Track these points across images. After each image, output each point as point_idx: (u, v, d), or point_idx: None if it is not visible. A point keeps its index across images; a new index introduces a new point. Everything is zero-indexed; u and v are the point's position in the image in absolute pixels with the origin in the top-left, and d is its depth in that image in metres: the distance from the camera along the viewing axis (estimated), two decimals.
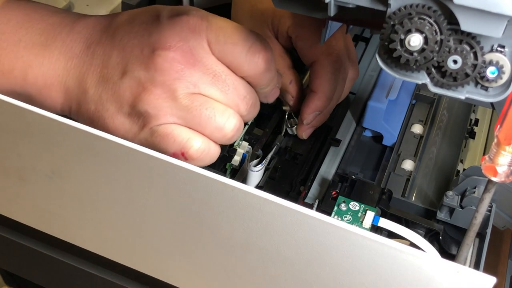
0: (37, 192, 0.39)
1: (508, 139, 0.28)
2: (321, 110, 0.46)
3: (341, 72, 0.47)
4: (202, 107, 0.37)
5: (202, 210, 0.34)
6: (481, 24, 0.26)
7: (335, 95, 0.47)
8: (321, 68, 0.46)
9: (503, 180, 0.30)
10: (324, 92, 0.46)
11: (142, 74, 0.37)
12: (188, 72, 0.37)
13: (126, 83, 0.38)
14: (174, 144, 0.38)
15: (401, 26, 0.27)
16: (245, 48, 0.38)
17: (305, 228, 0.32)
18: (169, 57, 0.37)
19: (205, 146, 0.38)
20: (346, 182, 0.44)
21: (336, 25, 0.40)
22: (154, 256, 0.39)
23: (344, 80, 0.48)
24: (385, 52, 0.28)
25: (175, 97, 0.37)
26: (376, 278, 0.32)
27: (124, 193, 0.36)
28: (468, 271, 0.29)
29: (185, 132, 0.38)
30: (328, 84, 0.46)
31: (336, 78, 0.46)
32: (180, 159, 0.38)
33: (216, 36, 0.38)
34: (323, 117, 0.48)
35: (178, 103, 0.37)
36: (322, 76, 0.46)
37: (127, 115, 0.38)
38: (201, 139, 0.38)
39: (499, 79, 0.27)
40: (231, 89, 0.39)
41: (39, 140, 0.35)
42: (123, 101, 0.38)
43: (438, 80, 0.28)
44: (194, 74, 0.37)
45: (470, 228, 0.33)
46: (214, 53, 0.38)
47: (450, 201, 0.42)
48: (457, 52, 0.27)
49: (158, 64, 0.37)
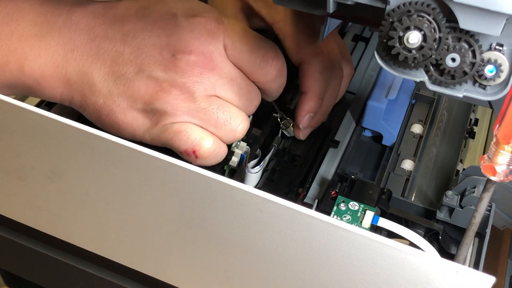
0: (36, 192, 0.39)
1: (507, 138, 0.28)
2: (314, 111, 0.46)
3: (332, 71, 0.47)
4: (219, 110, 0.40)
5: (201, 209, 0.34)
6: (480, 23, 0.26)
7: (332, 94, 0.47)
8: (310, 68, 0.46)
9: (502, 179, 0.30)
10: (315, 92, 0.45)
11: (161, 74, 0.39)
12: (207, 75, 0.39)
13: (142, 81, 0.39)
14: (187, 142, 0.39)
15: (399, 23, 0.27)
16: (259, 56, 0.41)
17: (304, 227, 0.32)
18: (191, 61, 0.39)
19: (216, 146, 0.40)
20: (345, 182, 0.44)
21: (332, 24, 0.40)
22: (153, 256, 0.39)
23: (339, 79, 0.48)
24: (383, 50, 0.28)
25: (194, 99, 0.39)
26: (375, 277, 0.32)
27: (123, 193, 0.36)
28: (467, 270, 0.29)
29: (198, 131, 0.40)
30: (317, 83, 0.45)
31: (325, 77, 0.46)
32: (190, 157, 0.40)
33: (232, 42, 0.40)
34: (320, 117, 0.47)
35: (196, 104, 0.39)
36: (311, 76, 0.46)
37: (141, 111, 0.40)
38: (213, 139, 0.40)
39: (497, 78, 0.27)
40: (245, 93, 0.41)
41: (39, 139, 0.35)
42: (137, 98, 0.39)
43: (436, 78, 0.28)
44: (212, 77, 0.39)
45: (469, 228, 0.33)
46: (230, 58, 0.40)
47: (449, 200, 0.42)
48: (456, 50, 0.27)
49: (179, 67, 0.39)
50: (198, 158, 0.40)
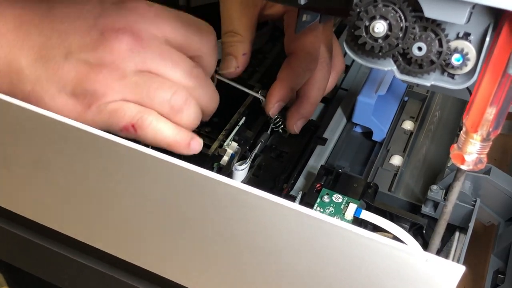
0: (23, 181, 0.40)
1: (474, 126, 0.28)
2: (284, 100, 0.47)
3: (317, 66, 0.47)
4: (150, 81, 0.38)
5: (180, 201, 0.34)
6: (445, 11, 0.26)
7: (319, 86, 0.48)
8: (290, 60, 0.47)
9: (472, 168, 0.30)
10: (287, 82, 0.46)
11: (89, 55, 0.38)
12: (137, 51, 0.38)
13: (71, 63, 0.38)
14: (124, 118, 0.38)
15: (366, 13, 0.27)
16: (194, 28, 0.40)
17: (281, 218, 0.32)
18: (118, 38, 0.38)
19: (154, 118, 0.39)
20: (331, 175, 0.44)
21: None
22: (143, 248, 0.40)
23: (325, 74, 0.48)
24: (352, 40, 0.28)
25: (125, 75, 0.38)
26: (351, 267, 0.32)
27: (103, 183, 0.37)
28: (437, 259, 0.29)
29: (134, 106, 0.39)
30: (291, 74, 0.46)
31: (302, 70, 0.47)
32: (129, 132, 0.39)
33: (165, 21, 0.40)
34: (310, 107, 0.48)
35: (128, 80, 0.38)
36: (288, 67, 0.46)
37: (71, 95, 0.39)
38: (150, 112, 0.39)
39: (464, 66, 0.28)
40: (180, 65, 0.40)
41: (21, 131, 0.36)
42: (66, 81, 0.38)
43: (404, 67, 0.28)
44: (142, 53, 0.38)
45: (441, 217, 0.33)
46: (163, 35, 0.40)
47: (434, 195, 0.42)
48: (422, 39, 0.27)
49: (107, 46, 0.38)
50: (137, 131, 0.39)
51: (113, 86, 0.38)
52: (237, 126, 0.48)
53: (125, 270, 0.44)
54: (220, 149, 0.46)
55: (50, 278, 0.50)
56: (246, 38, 0.47)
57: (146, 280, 0.44)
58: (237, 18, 0.48)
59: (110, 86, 0.38)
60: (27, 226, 0.46)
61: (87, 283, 0.47)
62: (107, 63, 0.38)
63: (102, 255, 0.42)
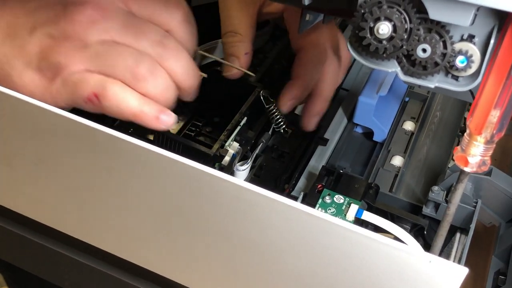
0: (25, 179, 0.40)
1: (478, 128, 0.28)
2: (298, 98, 0.47)
3: (327, 61, 0.47)
4: (111, 50, 0.38)
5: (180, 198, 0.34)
6: (449, 13, 0.26)
7: (331, 81, 0.48)
8: (302, 57, 0.47)
9: (475, 170, 0.30)
10: (302, 80, 0.46)
11: (53, 28, 0.38)
12: (99, 21, 0.38)
13: (36, 38, 0.38)
14: (87, 88, 0.37)
15: (370, 14, 0.27)
16: (158, 3, 0.39)
17: (283, 217, 0.32)
18: (80, 10, 0.38)
19: (118, 88, 0.37)
20: (332, 175, 0.44)
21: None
22: (144, 247, 0.40)
23: (336, 69, 0.49)
24: (356, 41, 0.28)
25: (87, 45, 0.38)
26: (352, 267, 0.32)
27: (104, 180, 0.36)
28: (440, 260, 0.29)
29: (97, 76, 0.38)
30: (308, 73, 0.46)
31: (316, 67, 0.47)
32: (93, 102, 0.38)
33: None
34: (324, 103, 0.49)
35: (90, 50, 0.38)
36: (302, 65, 0.46)
37: (37, 70, 0.38)
38: (114, 81, 0.38)
39: (468, 68, 0.28)
40: (145, 35, 0.39)
41: (24, 127, 0.36)
42: (32, 56, 0.38)
43: (408, 69, 0.28)
44: (104, 23, 0.38)
45: (443, 219, 0.33)
46: (131, 9, 0.39)
47: (435, 196, 0.42)
48: (426, 41, 0.27)
49: (70, 18, 0.38)
50: (101, 101, 0.37)
51: (75, 57, 0.37)
52: (239, 126, 0.48)
53: (125, 270, 0.44)
54: (221, 149, 0.46)
55: (50, 278, 0.50)
56: (247, 37, 0.47)
57: (146, 280, 0.44)
58: (237, 17, 0.48)
59: (72, 57, 0.37)
60: (27, 225, 0.46)
61: (87, 283, 0.47)
62: (69, 35, 0.38)
63: (103, 254, 0.42)
